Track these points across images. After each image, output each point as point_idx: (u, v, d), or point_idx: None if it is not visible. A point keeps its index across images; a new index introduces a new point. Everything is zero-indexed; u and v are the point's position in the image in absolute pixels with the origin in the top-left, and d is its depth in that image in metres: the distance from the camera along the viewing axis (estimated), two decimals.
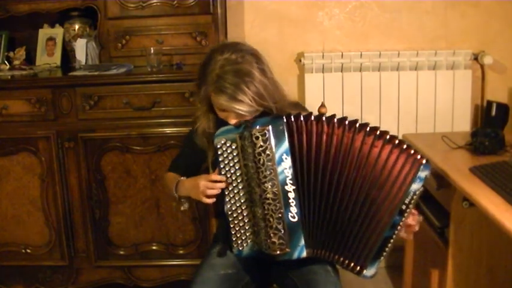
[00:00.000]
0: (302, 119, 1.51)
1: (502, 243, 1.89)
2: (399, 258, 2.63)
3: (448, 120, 2.64)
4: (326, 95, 2.61)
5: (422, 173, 1.51)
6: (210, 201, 1.59)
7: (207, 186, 1.57)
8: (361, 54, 2.62)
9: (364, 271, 1.56)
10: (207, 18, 2.44)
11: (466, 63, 2.63)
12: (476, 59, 2.65)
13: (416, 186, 1.50)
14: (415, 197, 1.51)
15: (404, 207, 1.51)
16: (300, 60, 2.65)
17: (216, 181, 1.56)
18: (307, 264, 1.60)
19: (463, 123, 2.64)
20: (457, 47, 2.66)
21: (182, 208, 1.79)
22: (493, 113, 2.47)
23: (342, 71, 2.63)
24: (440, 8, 2.66)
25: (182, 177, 1.72)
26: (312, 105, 1.85)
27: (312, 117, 1.51)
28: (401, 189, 1.49)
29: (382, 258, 1.55)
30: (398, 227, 1.52)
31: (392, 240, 1.53)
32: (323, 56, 2.62)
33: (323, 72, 2.63)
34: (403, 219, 1.52)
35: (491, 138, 2.00)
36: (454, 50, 2.62)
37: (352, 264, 1.55)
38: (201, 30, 2.46)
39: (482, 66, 2.68)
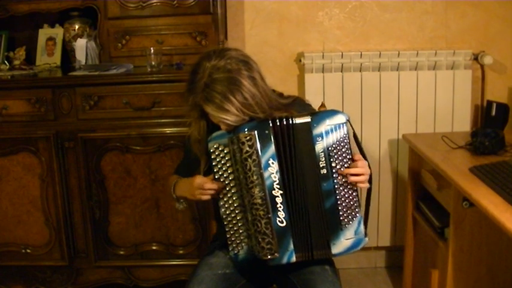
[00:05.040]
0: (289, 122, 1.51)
1: (502, 243, 1.89)
2: (399, 258, 2.64)
3: (448, 120, 2.64)
4: (326, 95, 2.61)
5: (318, 130, 1.50)
6: (206, 197, 1.58)
7: (201, 187, 1.57)
8: (361, 54, 2.61)
9: (332, 250, 1.54)
10: (207, 18, 2.44)
11: (466, 63, 2.63)
12: (476, 59, 2.65)
13: (321, 145, 1.50)
14: (332, 153, 1.51)
15: (324, 171, 1.51)
16: (300, 60, 2.65)
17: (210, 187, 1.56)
18: (305, 264, 1.60)
19: (463, 123, 2.64)
20: (457, 47, 2.66)
21: (180, 207, 1.77)
22: (493, 113, 2.48)
23: (342, 71, 2.63)
24: (440, 8, 2.66)
25: (180, 178, 1.73)
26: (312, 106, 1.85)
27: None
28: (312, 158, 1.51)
29: (344, 230, 1.52)
30: (336, 192, 1.51)
31: (340, 207, 1.52)
32: (323, 56, 2.62)
33: (323, 72, 2.63)
34: (335, 180, 1.51)
35: (491, 138, 2.00)
36: (454, 50, 2.62)
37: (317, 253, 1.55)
38: (201, 30, 2.46)
39: (482, 66, 2.68)
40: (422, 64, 2.63)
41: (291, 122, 1.51)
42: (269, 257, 1.52)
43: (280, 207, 1.51)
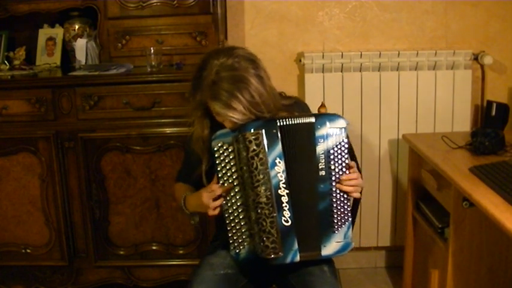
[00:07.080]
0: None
1: (502, 243, 1.89)
2: (399, 258, 2.64)
3: (448, 120, 2.64)
4: (326, 95, 2.61)
5: (320, 132, 1.52)
6: (217, 212, 1.58)
7: (209, 198, 1.56)
8: (361, 54, 2.61)
9: (322, 252, 1.56)
10: (207, 18, 2.44)
11: (466, 63, 2.63)
12: (476, 59, 2.65)
13: (322, 146, 1.52)
14: (331, 156, 1.52)
15: (323, 173, 1.52)
16: (300, 60, 2.65)
17: (216, 189, 1.56)
18: (304, 265, 1.60)
19: (463, 123, 2.64)
20: (457, 47, 2.66)
21: (192, 222, 1.78)
22: (493, 113, 2.48)
23: (342, 71, 2.63)
24: (440, 8, 2.66)
25: (187, 193, 1.73)
26: (312, 105, 1.85)
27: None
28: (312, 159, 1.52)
29: (336, 233, 1.54)
30: (332, 194, 1.53)
31: (335, 210, 1.54)
32: (323, 56, 2.62)
33: (323, 72, 2.63)
34: (333, 183, 1.53)
35: (491, 138, 2.00)
36: (454, 50, 2.62)
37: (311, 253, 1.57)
38: (201, 30, 2.46)
39: (482, 66, 2.68)
40: (422, 64, 2.63)
41: (297, 121, 1.52)
42: (273, 256, 1.52)
43: (285, 206, 1.51)
